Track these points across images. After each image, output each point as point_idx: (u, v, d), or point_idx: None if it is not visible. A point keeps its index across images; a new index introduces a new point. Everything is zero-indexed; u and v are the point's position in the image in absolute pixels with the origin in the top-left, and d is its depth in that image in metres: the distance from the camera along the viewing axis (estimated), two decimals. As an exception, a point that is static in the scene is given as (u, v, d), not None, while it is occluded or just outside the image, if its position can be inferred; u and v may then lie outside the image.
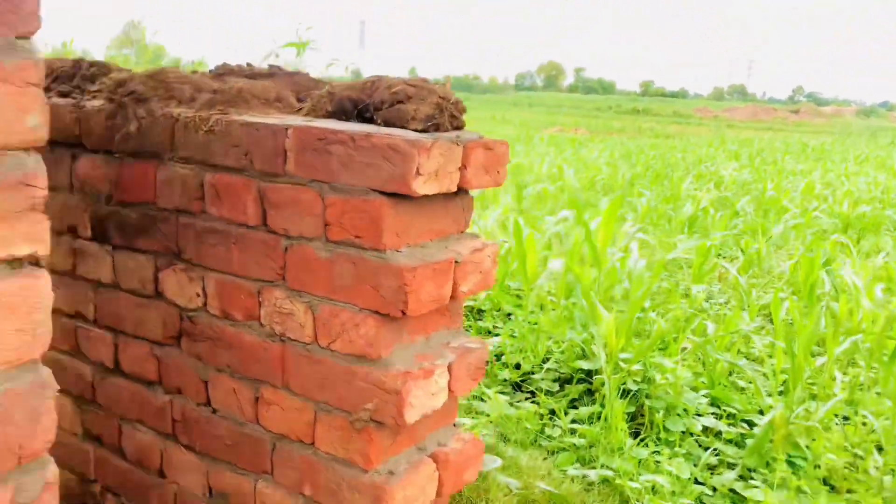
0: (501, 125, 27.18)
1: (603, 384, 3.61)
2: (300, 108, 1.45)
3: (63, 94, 1.70)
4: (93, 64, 1.79)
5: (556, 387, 3.95)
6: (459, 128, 1.36)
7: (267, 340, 1.43)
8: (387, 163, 1.21)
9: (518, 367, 4.13)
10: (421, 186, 1.21)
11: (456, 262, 1.33)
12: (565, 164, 11.88)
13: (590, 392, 3.86)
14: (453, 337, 1.46)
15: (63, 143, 1.68)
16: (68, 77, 1.78)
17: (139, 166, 1.55)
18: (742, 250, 6.82)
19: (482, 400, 3.67)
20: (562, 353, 4.20)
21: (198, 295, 1.51)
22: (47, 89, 1.78)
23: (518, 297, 5.29)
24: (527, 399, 3.81)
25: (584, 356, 4.15)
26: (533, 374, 4.08)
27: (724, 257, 7.14)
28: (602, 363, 3.68)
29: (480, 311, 5.13)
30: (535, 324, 4.55)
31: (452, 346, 1.43)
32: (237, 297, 1.45)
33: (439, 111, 1.29)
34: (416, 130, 1.27)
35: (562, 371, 4.08)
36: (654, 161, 14.57)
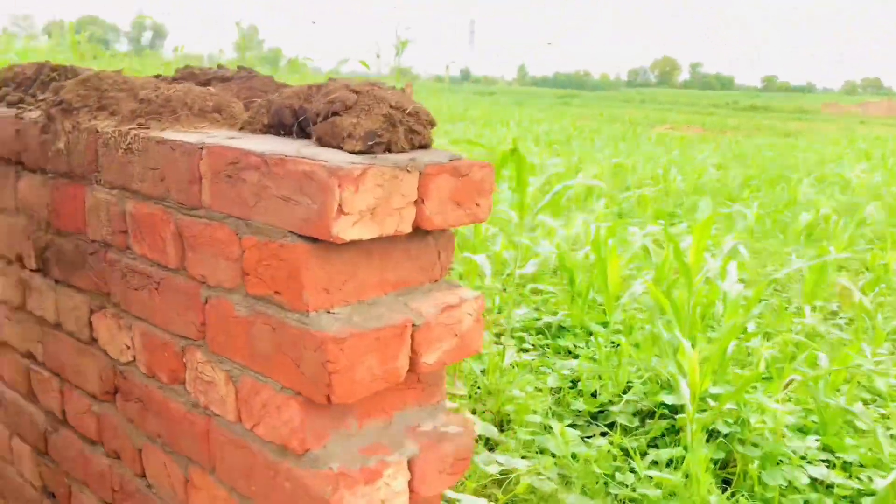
0: (608, 123, 26.28)
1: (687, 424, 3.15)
2: (239, 121, 1.15)
3: (12, 104, 1.49)
4: (55, 68, 1.57)
5: (636, 422, 3.50)
6: (423, 146, 1.01)
7: (193, 411, 1.14)
8: (304, 197, 0.89)
9: (595, 395, 3.71)
10: (346, 230, 0.88)
11: (414, 325, 0.99)
12: (672, 166, 11.17)
13: (674, 430, 3.40)
14: (428, 416, 1.12)
15: (6, 159, 1.46)
16: (29, 84, 1.57)
17: (70, 189, 1.30)
18: (867, 266, 6.04)
19: (548, 431, 3.29)
20: (644, 383, 3.75)
21: (127, 347, 1.25)
22: (1, 98, 1.57)
23: (605, 312, 4.85)
24: (602, 434, 3.39)
25: (669, 387, 3.68)
26: (612, 404, 3.65)
27: (847, 271, 6.37)
28: (686, 400, 3.21)
29: (561, 328, 4.73)
30: (618, 346, 4.12)
31: (423, 429, 1.09)
32: (162, 355, 1.17)
33: (389, 125, 0.95)
34: (353, 151, 0.94)
35: (643, 404, 3.63)
36: (770, 162, 13.53)
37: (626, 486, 2.90)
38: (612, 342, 4.34)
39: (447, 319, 1.04)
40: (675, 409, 3.47)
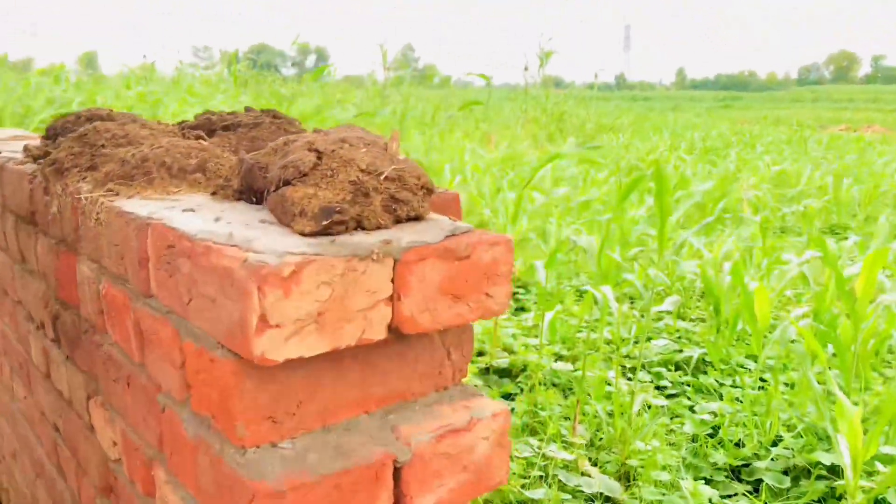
0: (773, 126, 24.41)
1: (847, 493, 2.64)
2: (217, 184, 0.94)
3: (36, 158, 1.38)
4: (90, 117, 1.45)
5: (787, 482, 3.00)
6: (414, 218, 0.76)
7: (164, 535, 0.95)
8: (227, 301, 0.66)
9: (739, 445, 3.24)
10: (277, 348, 0.64)
11: (398, 460, 0.74)
12: (844, 172, 10.04)
13: (834, 495, 2.88)
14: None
15: (27, 220, 1.35)
16: (65, 134, 1.46)
17: (65, 258, 1.16)
18: None
19: (674, 489, 2.88)
20: (797, 435, 3.23)
21: (114, 443, 1.08)
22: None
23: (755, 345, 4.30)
24: (745, 495, 2.92)
25: (827, 440, 3.14)
26: (758, 458, 3.16)
27: None
28: (846, 463, 2.69)
29: (705, 362, 4.23)
30: (766, 388, 3.60)
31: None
32: (135, 461, 0.99)
33: (359, 196, 0.70)
34: (304, 233, 0.70)
35: (796, 460, 3.11)
36: (967, 165, 11.88)
37: (772, 565, 2.46)
38: (762, 380, 3.81)
39: (451, 448, 0.77)
40: (836, 470, 2.94)
